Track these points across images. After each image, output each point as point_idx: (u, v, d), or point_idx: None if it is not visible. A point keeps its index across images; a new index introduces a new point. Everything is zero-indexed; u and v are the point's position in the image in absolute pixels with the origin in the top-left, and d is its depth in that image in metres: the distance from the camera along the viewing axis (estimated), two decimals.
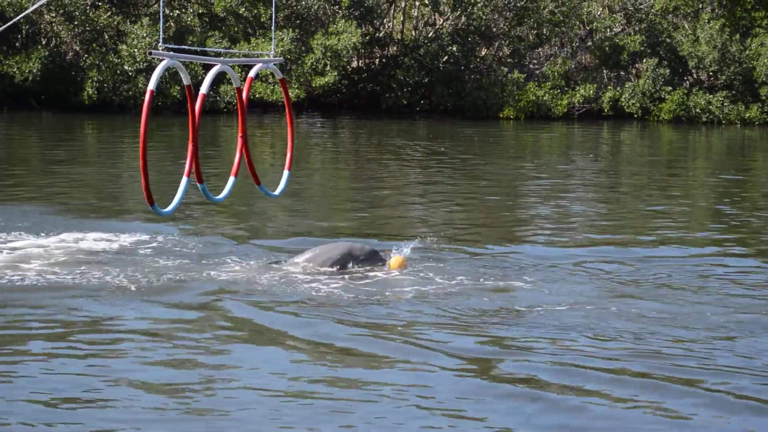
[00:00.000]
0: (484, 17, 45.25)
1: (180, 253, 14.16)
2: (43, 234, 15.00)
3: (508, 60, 46.63)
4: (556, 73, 45.35)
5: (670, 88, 45.02)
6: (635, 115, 44.93)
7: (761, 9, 46.46)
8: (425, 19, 47.19)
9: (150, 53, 10.92)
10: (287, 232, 16.59)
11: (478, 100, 44.42)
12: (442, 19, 46.47)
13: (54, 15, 41.65)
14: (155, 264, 13.40)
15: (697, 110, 44.70)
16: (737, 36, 45.42)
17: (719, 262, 14.78)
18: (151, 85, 10.51)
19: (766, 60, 44.34)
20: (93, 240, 14.82)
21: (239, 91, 12.54)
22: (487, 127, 40.41)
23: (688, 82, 46.71)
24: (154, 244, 14.68)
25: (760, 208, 21.50)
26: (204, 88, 11.48)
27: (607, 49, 45.91)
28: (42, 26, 42.06)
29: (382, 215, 18.99)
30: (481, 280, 13.00)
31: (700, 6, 47.14)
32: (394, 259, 13.18)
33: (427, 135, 36.76)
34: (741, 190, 24.69)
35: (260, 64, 12.86)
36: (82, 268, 13.14)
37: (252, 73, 12.93)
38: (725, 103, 44.67)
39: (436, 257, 14.14)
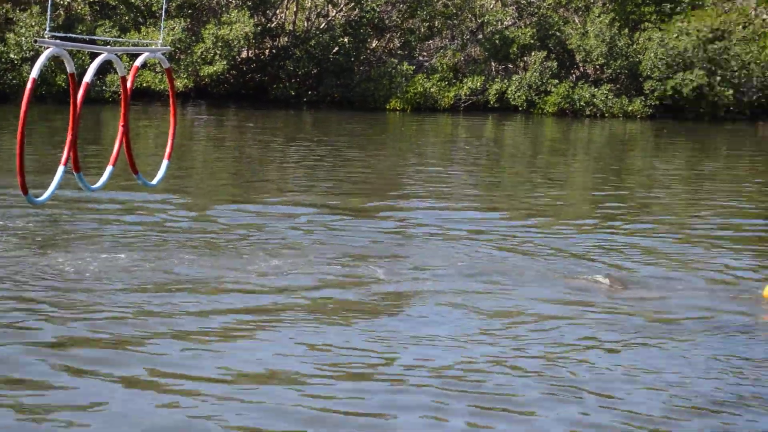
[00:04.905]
0: (377, 9, 45.42)
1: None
2: None
3: (399, 52, 46.92)
4: (444, 66, 45.70)
5: (557, 81, 45.47)
6: (520, 108, 45.25)
7: (651, 3, 47.14)
8: (318, 10, 47.17)
9: (35, 41, 10.78)
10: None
11: (366, 92, 44.50)
12: (335, 11, 46.57)
13: None
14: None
15: (582, 103, 45.28)
16: (626, 30, 46.01)
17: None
18: (34, 72, 10.39)
19: (652, 54, 44.94)
20: None
21: (123, 79, 12.49)
22: (372, 118, 40.63)
23: (574, 76, 47.31)
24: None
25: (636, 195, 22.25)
26: (88, 77, 11.22)
27: (497, 41, 46.14)
28: None
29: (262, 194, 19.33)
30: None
31: (592, 0, 47.66)
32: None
33: (305, 126, 36.97)
34: (617, 179, 25.44)
35: (147, 53, 12.74)
36: None
37: (138, 62, 12.69)
38: (609, 97, 45.32)
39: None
